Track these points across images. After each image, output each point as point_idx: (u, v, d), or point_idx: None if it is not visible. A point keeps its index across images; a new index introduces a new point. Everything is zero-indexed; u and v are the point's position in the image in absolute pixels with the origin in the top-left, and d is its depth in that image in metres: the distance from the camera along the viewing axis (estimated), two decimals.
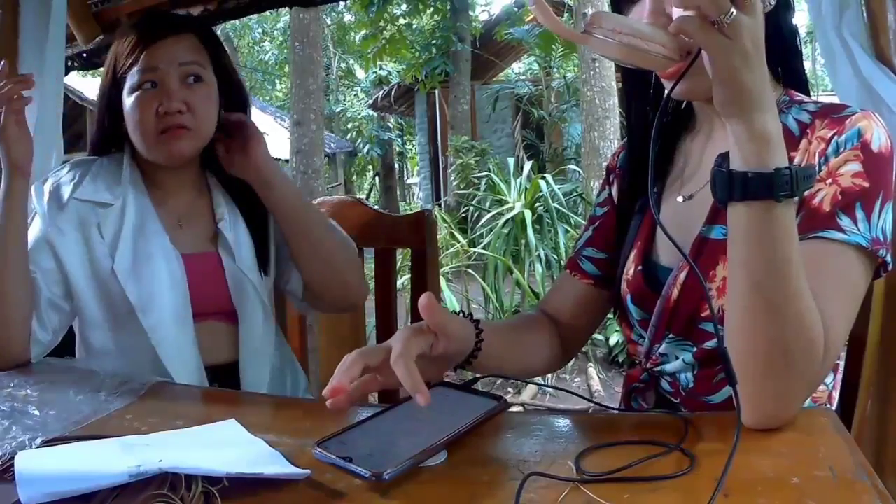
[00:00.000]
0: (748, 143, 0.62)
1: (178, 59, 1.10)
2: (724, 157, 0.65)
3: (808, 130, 0.80)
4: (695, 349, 0.85)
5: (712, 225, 0.83)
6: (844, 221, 0.72)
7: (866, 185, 0.73)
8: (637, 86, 0.93)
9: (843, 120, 0.77)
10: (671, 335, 0.87)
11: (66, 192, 1.12)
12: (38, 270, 1.08)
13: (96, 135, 1.19)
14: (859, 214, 0.72)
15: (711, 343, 0.82)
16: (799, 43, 0.86)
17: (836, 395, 0.91)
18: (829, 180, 0.74)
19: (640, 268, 0.91)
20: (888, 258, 0.74)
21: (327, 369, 1.28)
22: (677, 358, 0.87)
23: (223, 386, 1.15)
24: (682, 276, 0.84)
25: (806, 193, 0.75)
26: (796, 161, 0.77)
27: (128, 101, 1.10)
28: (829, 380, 0.87)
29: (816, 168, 0.76)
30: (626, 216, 0.97)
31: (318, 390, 1.42)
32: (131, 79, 1.10)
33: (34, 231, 1.10)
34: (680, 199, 0.90)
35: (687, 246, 0.83)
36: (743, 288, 0.66)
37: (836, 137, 0.76)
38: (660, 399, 0.91)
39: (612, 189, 1.02)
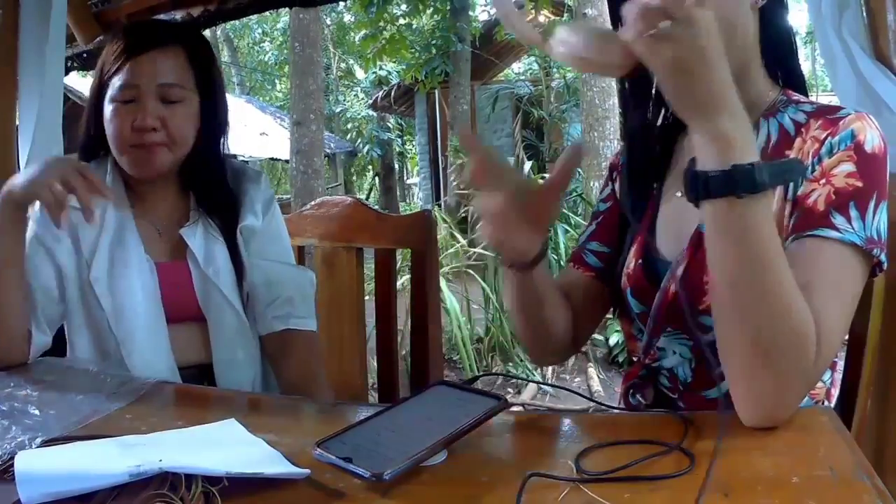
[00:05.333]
0: (708, 146, 0.64)
1: (159, 78, 1.10)
2: (693, 159, 0.66)
3: (802, 129, 0.80)
4: (692, 343, 0.86)
5: None
6: (838, 220, 0.72)
7: (860, 185, 0.73)
8: (636, 92, 0.93)
9: (837, 121, 0.77)
10: (669, 329, 0.88)
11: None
12: (35, 273, 1.09)
13: (84, 138, 1.19)
14: (853, 213, 0.72)
15: (710, 336, 0.83)
16: (794, 42, 0.87)
17: (834, 392, 0.92)
18: (823, 181, 0.75)
19: (640, 261, 0.92)
20: (883, 258, 0.74)
21: (327, 369, 1.28)
22: (675, 353, 0.88)
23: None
24: (681, 270, 0.85)
25: (800, 193, 0.76)
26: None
27: (107, 109, 1.11)
28: (826, 377, 0.88)
29: (803, 162, 0.77)
30: (631, 210, 0.97)
31: None
32: (112, 88, 1.10)
33: (31, 234, 1.11)
34: (679, 194, 0.91)
35: (686, 239, 0.84)
36: (720, 285, 0.67)
37: (829, 138, 0.77)
38: (658, 394, 0.92)
39: (615, 185, 1.03)
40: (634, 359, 0.97)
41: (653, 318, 0.88)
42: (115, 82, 1.10)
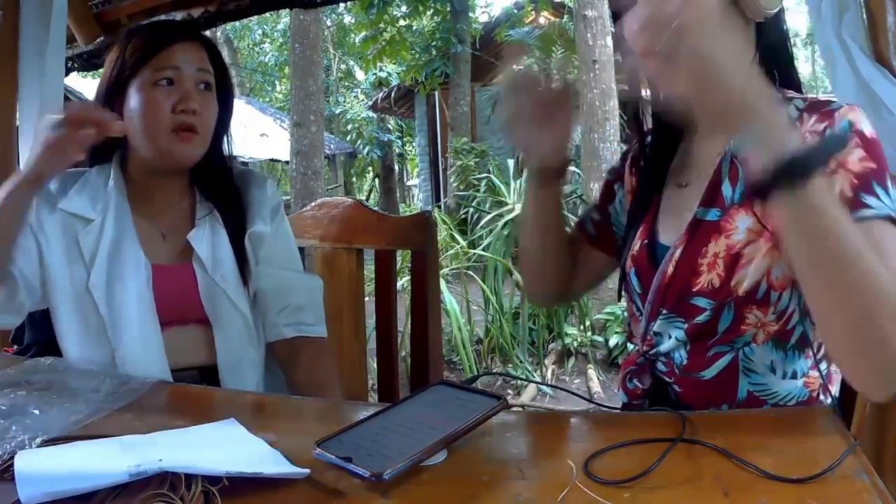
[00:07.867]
0: (754, 154, 0.65)
1: (197, 63, 1.12)
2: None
3: (797, 123, 0.84)
4: (686, 325, 0.89)
5: (707, 208, 0.89)
6: (870, 200, 0.75)
7: (874, 165, 0.77)
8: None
9: (832, 113, 0.81)
10: (664, 311, 0.92)
11: (56, 200, 1.12)
12: (22, 251, 1.07)
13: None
14: (879, 191, 0.76)
15: (702, 318, 0.87)
16: (790, 50, 0.91)
17: (832, 388, 0.93)
18: (840, 170, 0.77)
19: (646, 241, 0.96)
20: None
21: None
22: (671, 336, 0.92)
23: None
24: (678, 253, 0.89)
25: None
26: None
27: (136, 96, 1.09)
28: (822, 366, 0.90)
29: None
30: (639, 199, 1.02)
31: None
32: (143, 76, 1.09)
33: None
34: (677, 186, 0.97)
35: (684, 225, 0.90)
36: (809, 276, 0.67)
37: (828, 130, 0.80)
38: (655, 380, 0.95)
39: (626, 165, 1.08)
40: (634, 346, 1.01)
41: (650, 301, 0.93)
42: (147, 70, 1.09)
